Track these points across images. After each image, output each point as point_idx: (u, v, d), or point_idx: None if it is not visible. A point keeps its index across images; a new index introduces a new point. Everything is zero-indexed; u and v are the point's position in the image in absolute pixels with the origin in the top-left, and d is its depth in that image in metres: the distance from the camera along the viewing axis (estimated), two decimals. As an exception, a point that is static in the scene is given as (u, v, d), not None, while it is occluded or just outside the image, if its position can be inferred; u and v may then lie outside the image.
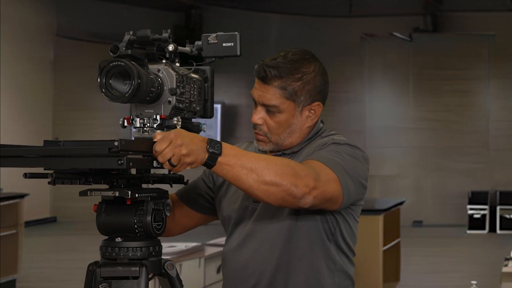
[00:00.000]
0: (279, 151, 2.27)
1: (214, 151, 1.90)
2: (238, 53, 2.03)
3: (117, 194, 1.92)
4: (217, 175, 2.11)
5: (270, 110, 2.21)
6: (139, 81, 1.88)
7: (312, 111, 2.24)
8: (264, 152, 2.29)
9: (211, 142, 1.90)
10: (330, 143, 2.17)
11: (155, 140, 1.87)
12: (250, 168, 1.93)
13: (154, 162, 1.88)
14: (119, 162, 1.76)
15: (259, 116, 2.22)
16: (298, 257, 2.19)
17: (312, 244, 2.19)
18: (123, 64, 1.88)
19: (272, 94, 2.19)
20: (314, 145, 2.21)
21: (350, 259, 2.27)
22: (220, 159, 1.91)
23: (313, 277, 2.19)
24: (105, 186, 1.97)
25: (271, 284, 2.19)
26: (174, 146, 1.85)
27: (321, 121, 2.31)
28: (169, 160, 1.85)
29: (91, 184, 1.94)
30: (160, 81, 1.97)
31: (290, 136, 2.24)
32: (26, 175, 1.93)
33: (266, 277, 2.20)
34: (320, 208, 2.09)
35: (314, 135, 2.27)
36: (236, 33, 2.03)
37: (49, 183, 1.93)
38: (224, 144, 1.93)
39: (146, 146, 1.86)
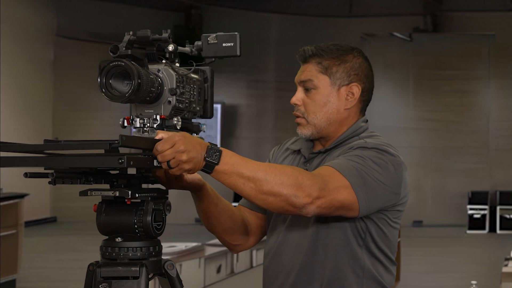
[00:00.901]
0: (319, 138, 2.25)
1: (211, 160, 1.91)
2: (238, 53, 2.03)
3: (117, 194, 1.93)
4: None
5: (306, 87, 2.24)
6: (139, 81, 1.88)
7: (350, 94, 2.24)
8: (311, 141, 2.29)
9: (210, 150, 1.91)
10: (356, 147, 2.15)
11: (157, 138, 1.88)
12: (247, 178, 1.93)
13: (155, 161, 1.88)
14: (120, 161, 1.76)
15: (297, 97, 2.25)
16: (322, 262, 2.17)
17: (337, 249, 2.16)
18: (123, 64, 1.88)
19: (308, 71, 2.24)
20: (347, 146, 2.19)
21: (387, 267, 2.22)
22: (217, 167, 1.92)
23: (337, 283, 2.16)
24: (106, 186, 1.97)
25: (294, 285, 2.20)
26: (176, 150, 1.85)
27: (365, 120, 2.29)
28: (167, 162, 1.86)
29: (91, 184, 1.94)
30: (160, 81, 1.97)
31: (328, 118, 2.22)
32: (26, 175, 1.93)
33: (290, 279, 2.20)
34: (334, 215, 2.07)
35: (352, 133, 2.25)
36: (236, 33, 2.03)
37: (49, 182, 1.93)
38: (225, 152, 1.93)
39: (147, 144, 1.87)
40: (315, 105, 2.23)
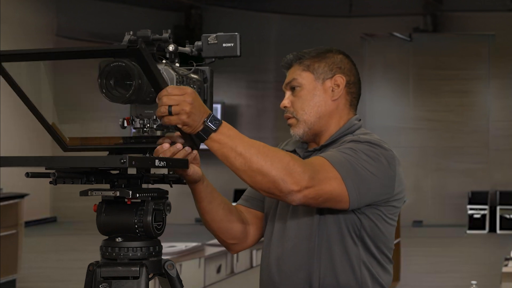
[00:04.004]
0: (312, 135, 2.26)
1: (210, 126, 1.91)
2: (238, 53, 2.03)
3: (118, 194, 1.92)
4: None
5: (292, 86, 2.28)
6: (140, 81, 1.87)
7: (335, 85, 2.27)
8: (305, 144, 2.30)
9: (210, 116, 1.92)
10: (349, 141, 2.16)
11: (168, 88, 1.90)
12: (239, 152, 1.93)
13: (156, 161, 1.87)
14: (122, 161, 1.76)
15: (285, 100, 2.29)
16: (318, 259, 2.17)
17: (332, 245, 2.17)
18: (123, 64, 1.88)
19: (292, 73, 2.29)
20: (341, 142, 2.21)
21: (384, 265, 2.21)
22: (213, 135, 1.92)
23: (333, 280, 2.16)
24: (106, 186, 1.97)
25: (291, 283, 2.20)
26: (184, 99, 1.86)
27: (358, 119, 2.30)
28: (170, 106, 1.85)
29: (92, 184, 1.94)
30: (160, 82, 1.97)
31: (317, 111, 2.25)
32: (28, 175, 1.92)
33: (288, 277, 2.20)
34: (323, 207, 2.08)
35: (346, 130, 2.26)
36: (236, 33, 2.03)
37: (50, 182, 1.93)
38: (224, 124, 1.94)
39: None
40: (302, 101, 2.26)
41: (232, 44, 2.02)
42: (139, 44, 1.74)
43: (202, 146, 2.05)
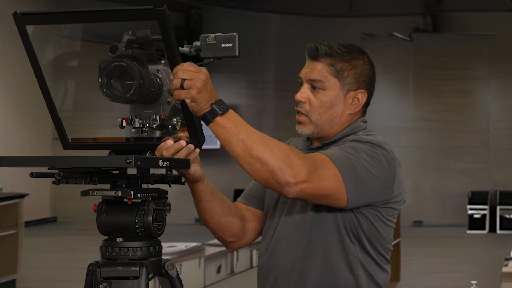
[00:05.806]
0: (318, 136, 2.25)
1: (216, 109, 1.93)
2: (237, 54, 2.03)
3: (119, 194, 1.92)
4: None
5: (315, 86, 2.22)
6: (140, 81, 1.88)
7: (356, 99, 2.25)
8: (308, 140, 2.29)
9: (218, 101, 1.95)
10: (351, 140, 2.16)
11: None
12: (242, 138, 1.95)
13: (160, 161, 1.87)
14: (127, 161, 1.76)
15: (303, 94, 2.23)
16: (314, 257, 2.17)
17: (330, 244, 2.16)
18: (124, 64, 1.89)
19: (319, 70, 2.22)
20: (342, 142, 2.20)
21: (381, 266, 2.21)
22: (218, 118, 1.94)
23: (330, 278, 2.16)
24: (106, 186, 1.98)
25: (287, 280, 2.20)
26: (198, 76, 1.89)
27: (364, 121, 2.29)
28: (183, 80, 1.88)
29: (95, 184, 1.95)
30: (160, 82, 1.97)
31: (331, 120, 2.22)
32: (32, 175, 1.93)
33: (284, 274, 2.20)
34: (320, 203, 2.08)
35: (350, 131, 2.24)
36: (235, 34, 2.02)
37: (53, 182, 1.93)
38: (231, 110, 1.96)
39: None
40: (321, 105, 2.22)
41: (231, 45, 2.02)
42: (164, 7, 1.76)
43: (203, 146, 2.05)
